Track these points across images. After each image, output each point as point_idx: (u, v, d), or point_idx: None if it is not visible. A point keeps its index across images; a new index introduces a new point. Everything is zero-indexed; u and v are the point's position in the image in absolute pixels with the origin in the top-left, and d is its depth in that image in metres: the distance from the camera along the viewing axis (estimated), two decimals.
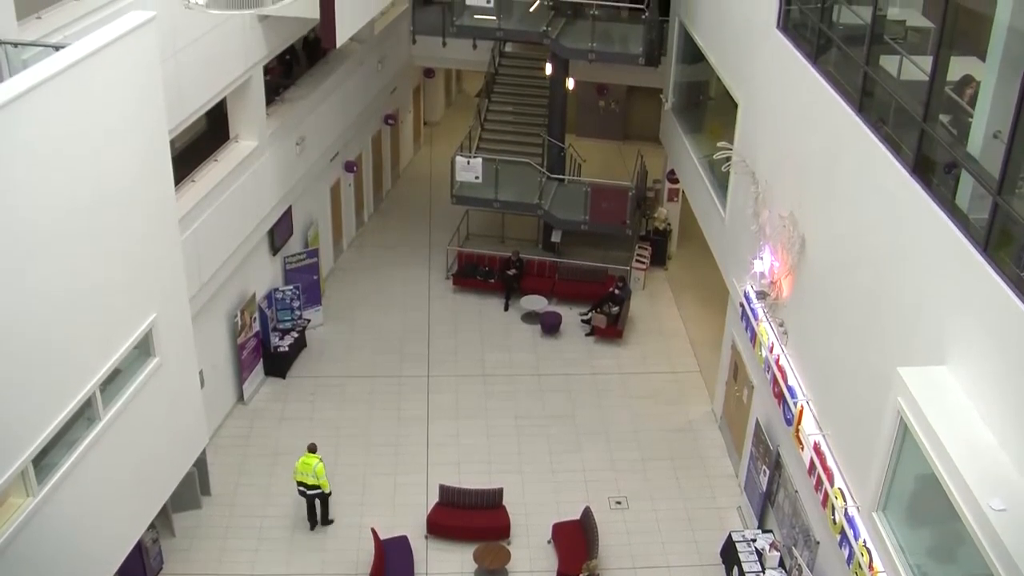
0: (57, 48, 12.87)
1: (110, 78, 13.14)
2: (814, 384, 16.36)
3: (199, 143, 22.07)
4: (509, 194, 27.79)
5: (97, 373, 13.46)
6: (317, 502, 20.16)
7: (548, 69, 28.89)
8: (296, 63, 26.59)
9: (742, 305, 19.60)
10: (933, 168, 12.40)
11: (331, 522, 20.43)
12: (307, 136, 24.62)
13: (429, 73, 37.29)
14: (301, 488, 19.96)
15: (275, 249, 24.41)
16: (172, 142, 16.16)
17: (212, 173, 20.48)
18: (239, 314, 22.56)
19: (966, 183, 11.70)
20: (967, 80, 12.09)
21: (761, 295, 18.62)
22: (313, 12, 20.43)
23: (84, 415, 13.48)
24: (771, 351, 17.90)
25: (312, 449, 20.00)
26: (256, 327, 23.54)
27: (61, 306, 12.52)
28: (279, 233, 24.32)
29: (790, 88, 17.47)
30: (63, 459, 13.07)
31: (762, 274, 18.60)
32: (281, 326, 24.89)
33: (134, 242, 14.23)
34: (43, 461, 12.74)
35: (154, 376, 15.13)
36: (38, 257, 11.96)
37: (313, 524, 20.28)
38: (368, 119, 30.10)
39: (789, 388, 16.93)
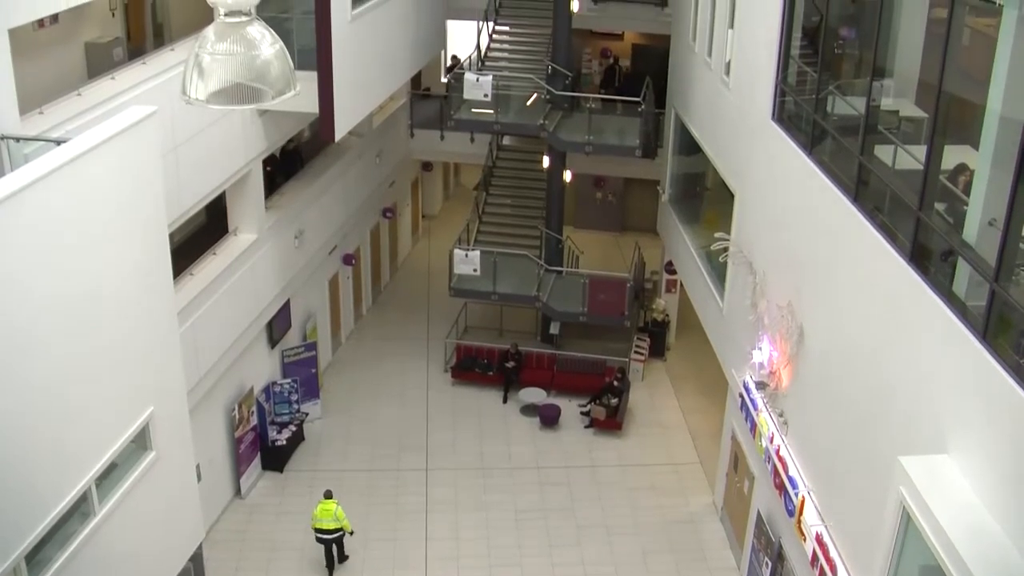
0: (58, 143, 12.98)
1: (111, 172, 13.22)
2: (815, 474, 16.24)
3: (198, 236, 22.18)
4: (507, 286, 27.85)
5: (93, 468, 13.33)
6: (334, 546, 20.98)
7: (545, 162, 29.11)
8: (275, 176, 26.02)
9: (741, 395, 19.54)
10: (930, 256, 12.43)
11: (347, 558, 21.30)
12: (306, 229, 24.74)
13: (427, 166, 37.59)
14: (319, 535, 20.73)
15: (273, 342, 24.40)
16: (171, 235, 16.21)
17: (211, 266, 20.54)
18: (237, 407, 22.47)
19: (963, 270, 11.72)
20: (961, 168, 12.19)
21: (760, 385, 18.57)
22: (312, 107, 20.65)
23: (79, 510, 13.33)
24: (771, 441, 17.79)
25: (328, 495, 20.84)
26: (254, 420, 23.42)
27: (57, 399, 12.46)
28: (277, 326, 24.32)
29: (786, 178, 17.59)
30: (57, 554, 12.88)
31: (761, 364, 18.56)
32: (279, 419, 24.77)
33: (132, 335, 14.20)
34: (36, 556, 12.56)
35: (150, 470, 15.00)
36: (35, 349, 11.93)
37: (331, 570, 20.95)
38: (366, 212, 30.27)
39: (790, 479, 16.81)
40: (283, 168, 26.43)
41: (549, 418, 26.56)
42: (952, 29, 11.68)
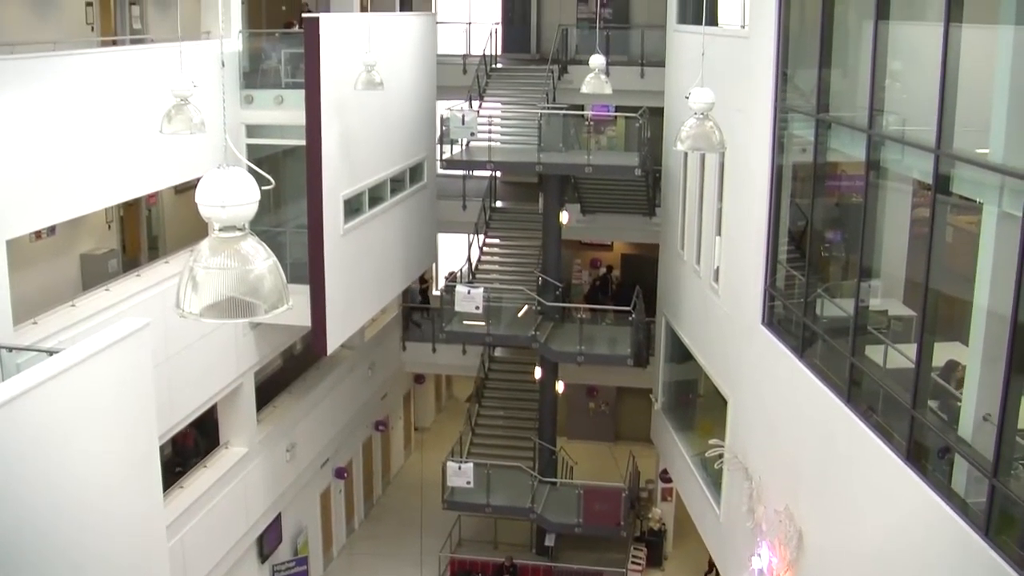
0: (51, 353, 13.00)
1: (102, 383, 13.19)
2: None
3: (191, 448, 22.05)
4: (501, 498, 27.50)
5: None
6: None
7: (538, 372, 29.18)
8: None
9: None
10: (926, 454, 12.37)
11: None
12: (298, 442, 24.58)
13: (419, 379, 37.63)
14: None
15: (264, 557, 23.93)
16: (161, 447, 16.09)
17: (201, 479, 20.34)
18: None
19: (961, 467, 11.64)
20: (952, 365, 12.24)
21: None
22: (305, 320, 20.80)
23: None
24: None
25: None
26: None
27: None
28: (268, 540, 23.90)
29: (778, 382, 17.61)
30: None
31: (761, 571, 18.22)
32: None
33: (119, 548, 13.91)
34: None
35: None
36: (18, 561, 11.66)
37: None
38: (358, 425, 30.14)
39: None
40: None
41: None
42: (935, 228, 11.91)
